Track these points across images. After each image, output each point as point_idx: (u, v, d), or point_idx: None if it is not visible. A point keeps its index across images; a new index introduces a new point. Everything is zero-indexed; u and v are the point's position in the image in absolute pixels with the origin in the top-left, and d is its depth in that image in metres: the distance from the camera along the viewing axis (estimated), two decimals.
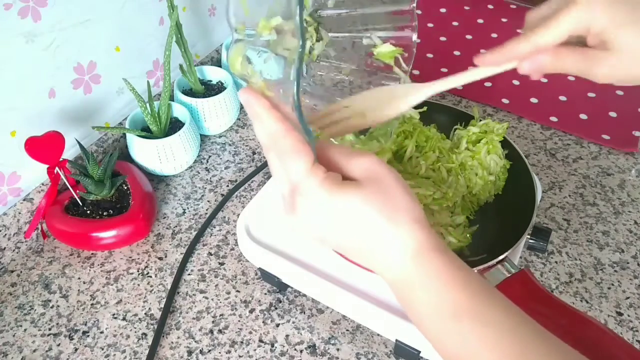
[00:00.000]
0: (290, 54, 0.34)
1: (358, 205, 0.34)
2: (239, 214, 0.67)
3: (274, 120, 0.35)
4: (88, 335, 0.61)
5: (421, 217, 0.36)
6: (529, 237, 0.57)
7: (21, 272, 0.67)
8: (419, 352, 0.53)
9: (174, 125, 0.79)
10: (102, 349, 0.59)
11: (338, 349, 0.59)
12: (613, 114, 0.89)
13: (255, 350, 0.59)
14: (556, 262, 0.68)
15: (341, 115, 0.45)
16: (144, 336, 0.61)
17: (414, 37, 0.52)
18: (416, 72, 0.97)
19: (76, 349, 0.59)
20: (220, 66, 0.90)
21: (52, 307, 0.63)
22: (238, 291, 0.65)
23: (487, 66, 0.47)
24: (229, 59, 0.38)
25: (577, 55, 0.40)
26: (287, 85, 0.33)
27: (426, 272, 0.35)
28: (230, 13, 0.37)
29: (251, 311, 0.63)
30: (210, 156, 0.82)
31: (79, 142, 0.68)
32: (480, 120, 0.64)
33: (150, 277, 0.66)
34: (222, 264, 0.68)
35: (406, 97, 0.47)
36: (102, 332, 0.61)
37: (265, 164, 0.80)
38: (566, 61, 0.41)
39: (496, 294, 0.35)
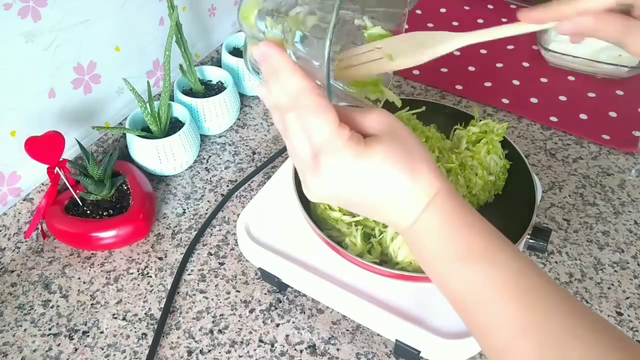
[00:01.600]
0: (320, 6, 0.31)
1: (382, 160, 0.35)
2: (239, 214, 0.67)
3: (299, 77, 0.34)
4: (88, 335, 0.61)
5: (434, 164, 0.37)
6: (529, 237, 0.57)
7: (21, 272, 0.67)
8: (419, 352, 0.53)
9: (174, 125, 0.79)
10: (102, 349, 0.59)
11: (338, 349, 0.59)
12: (613, 114, 0.88)
13: (255, 350, 0.59)
14: (556, 262, 0.68)
15: (369, 56, 0.45)
16: (144, 336, 0.61)
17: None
18: (416, 72, 0.97)
19: (76, 349, 0.59)
20: (220, 66, 0.90)
21: (52, 307, 0.63)
22: (238, 291, 0.65)
23: (530, 23, 0.46)
24: (241, 10, 0.34)
25: (618, 22, 0.40)
26: (312, 40, 0.30)
27: (442, 217, 0.36)
28: None
29: (251, 311, 0.63)
30: (210, 156, 0.82)
31: (79, 142, 0.68)
32: (480, 120, 0.64)
33: (150, 277, 0.66)
34: (222, 264, 0.68)
35: (438, 45, 0.46)
36: (102, 332, 0.61)
37: (265, 164, 0.80)
38: (607, 27, 0.41)
39: (504, 239, 0.37)
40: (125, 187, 0.71)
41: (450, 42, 0.48)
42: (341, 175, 0.35)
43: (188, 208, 0.75)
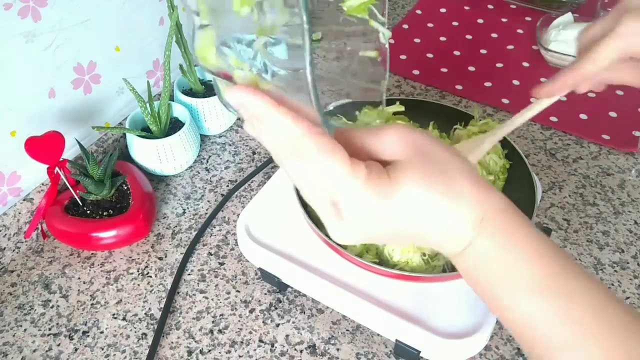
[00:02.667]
0: (288, 30, 0.25)
1: (413, 191, 0.30)
2: (239, 214, 0.67)
3: (289, 121, 0.28)
4: (88, 335, 0.61)
5: (479, 178, 0.32)
6: None
7: (21, 272, 0.67)
8: (419, 352, 0.53)
9: (174, 125, 0.79)
10: (102, 349, 0.59)
11: (338, 349, 0.59)
12: (613, 114, 0.88)
13: (255, 350, 0.59)
14: None
15: None
16: (144, 336, 0.61)
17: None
18: (416, 72, 0.97)
19: (76, 349, 0.59)
20: None
21: (52, 307, 0.63)
22: (238, 291, 0.65)
23: (545, 97, 0.49)
24: (196, 50, 0.29)
25: (630, 70, 0.43)
26: (288, 70, 0.25)
27: (498, 240, 0.31)
28: None
29: (251, 311, 0.63)
30: (210, 156, 0.82)
31: (79, 142, 0.68)
32: (480, 120, 0.64)
33: (150, 277, 0.66)
34: (222, 264, 0.68)
35: (478, 149, 0.49)
36: (102, 332, 0.61)
37: (265, 164, 0.80)
38: (622, 75, 0.44)
39: (572, 263, 0.32)
40: (125, 187, 0.71)
41: (480, 150, 0.52)
42: (368, 217, 0.30)
43: (188, 208, 0.75)
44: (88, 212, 0.69)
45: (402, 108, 0.54)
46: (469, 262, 0.32)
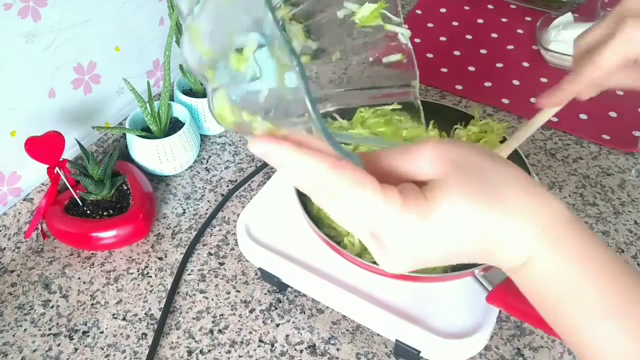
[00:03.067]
0: (283, 75, 0.26)
1: (457, 209, 0.28)
2: (239, 214, 0.66)
3: (311, 160, 0.28)
4: (88, 335, 0.61)
5: (524, 181, 0.29)
6: None
7: (21, 272, 0.67)
8: (419, 352, 0.53)
9: (174, 125, 0.79)
10: (102, 349, 0.59)
11: (338, 349, 0.59)
12: (613, 114, 0.88)
13: (255, 350, 0.59)
14: None
15: None
16: (144, 336, 0.61)
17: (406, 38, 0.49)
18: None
19: (76, 349, 0.59)
20: None
21: (52, 307, 0.63)
22: (238, 291, 0.65)
23: (550, 107, 0.50)
24: (215, 113, 0.30)
25: (632, 73, 0.43)
26: (298, 111, 0.25)
27: (560, 256, 0.28)
28: (190, 62, 0.30)
29: (251, 311, 0.63)
30: (210, 156, 0.82)
31: (79, 142, 0.68)
32: (480, 120, 0.64)
33: (150, 277, 0.66)
34: (222, 264, 0.68)
35: None
36: (102, 332, 0.61)
37: (265, 164, 0.80)
38: (623, 79, 0.44)
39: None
40: (125, 187, 0.71)
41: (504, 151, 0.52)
42: (413, 244, 0.29)
43: (188, 208, 0.75)
44: (88, 212, 0.69)
45: (399, 105, 0.54)
46: (529, 279, 0.29)
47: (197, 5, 0.28)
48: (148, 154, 0.75)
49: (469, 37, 1.06)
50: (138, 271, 0.67)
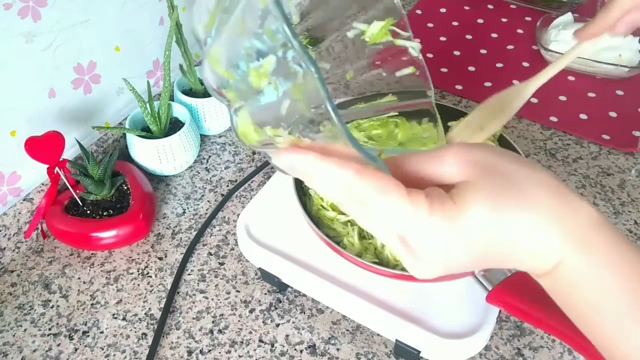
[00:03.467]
0: (304, 87, 0.26)
1: (484, 212, 0.27)
2: (239, 214, 0.67)
3: (336, 167, 0.28)
4: (88, 335, 0.61)
5: (553, 183, 0.29)
6: None
7: (21, 272, 0.67)
8: (419, 352, 0.53)
9: (174, 125, 0.79)
10: (102, 349, 0.59)
11: (338, 349, 0.59)
12: (613, 114, 0.88)
13: (255, 350, 0.59)
14: None
15: (461, 137, 0.44)
16: (144, 336, 0.61)
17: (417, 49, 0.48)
18: (416, 72, 0.97)
19: (76, 349, 0.59)
20: None
21: (52, 307, 0.63)
22: (238, 291, 0.65)
23: (588, 40, 0.50)
24: (239, 133, 0.31)
25: None
26: (320, 120, 0.25)
27: (590, 258, 0.28)
28: (211, 85, 0.31)
29: (251, 311, 0.63)
30: (210, 156, 0.82)
31: (79, 142, 0.68)
32: None
33: (150, 277, 0.66)
34: (222, 264, 0.68)
35: (514, 101, 0.48)
36: (102, 332, 0.61)
37: (265, 164, 0.80)
38: None
39: None
40: (125, 187, 0.71)
41: (523, 94, 0.50)
42: (442, 250, 0.28)
43: (188, 208, 0.75)
44: (88, 212, 0.69)
45: (395, 97, 0.54)
46: (559, 283, 0.29)
47: (213, 30, 0.29)
48: (148, 154, 0.75)
49: (469, 37, 1.06)
50: (138, 271, 0.67)
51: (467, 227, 0.27)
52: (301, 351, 0.59)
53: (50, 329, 0.61)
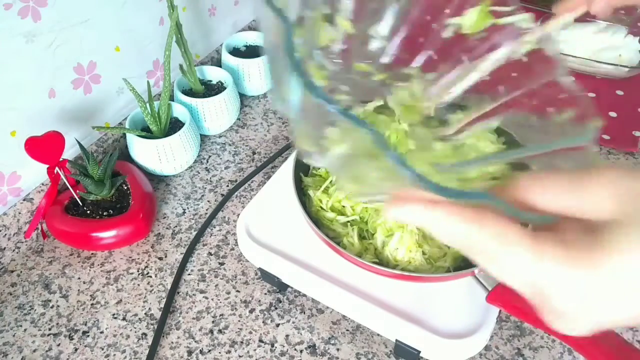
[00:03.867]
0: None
1: (629, 258, 0.22)
2: (239, 214, 0.67)
3: (444, 216, 0.25)
4: (88, 335, 0.61)
5: None
6: None
7: (21, 272, 0.67)
8: (419, 352, 0.53)
9: (174, 125, 0.79)
10: (102, 349, 0.59)
11: (338, 349, 0.59)
12: (613, 114, 0.88)
13: (255, 350, 0.59)
14: None
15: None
16: (144, 336, 0.61)
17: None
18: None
19: (76, 349, 0.59)
20: (220, 66, 0.90)
21: (52, 307, 0.63)
22: (238, 291, 0.65)
23: (564, 13, 0.52)
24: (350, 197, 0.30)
25: None
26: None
27: None
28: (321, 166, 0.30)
29: (251, 311, 0.63)
30: (210, 156, 0.82)
31: (79, 142, 0.68)
32: None
33: (150, 277, 0.66)
34: (222, 264, 0.68)
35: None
36: (102, 332, 0.61)
37: (265, 164, 0.80)
38: None
39: None
40: (125, 187, 0.71)
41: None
42: (585, 302, 0.24)
43: (188, 208, 0.75)
44: (88, 212, 0.69)
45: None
46: None
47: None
48: (148, 154, 0.75)
49: None
50: (138, 271, 0.67)
51: (607, 275, 0.23)
52: (301, 351, 0.59)
53: (50, 329, 0.61)
